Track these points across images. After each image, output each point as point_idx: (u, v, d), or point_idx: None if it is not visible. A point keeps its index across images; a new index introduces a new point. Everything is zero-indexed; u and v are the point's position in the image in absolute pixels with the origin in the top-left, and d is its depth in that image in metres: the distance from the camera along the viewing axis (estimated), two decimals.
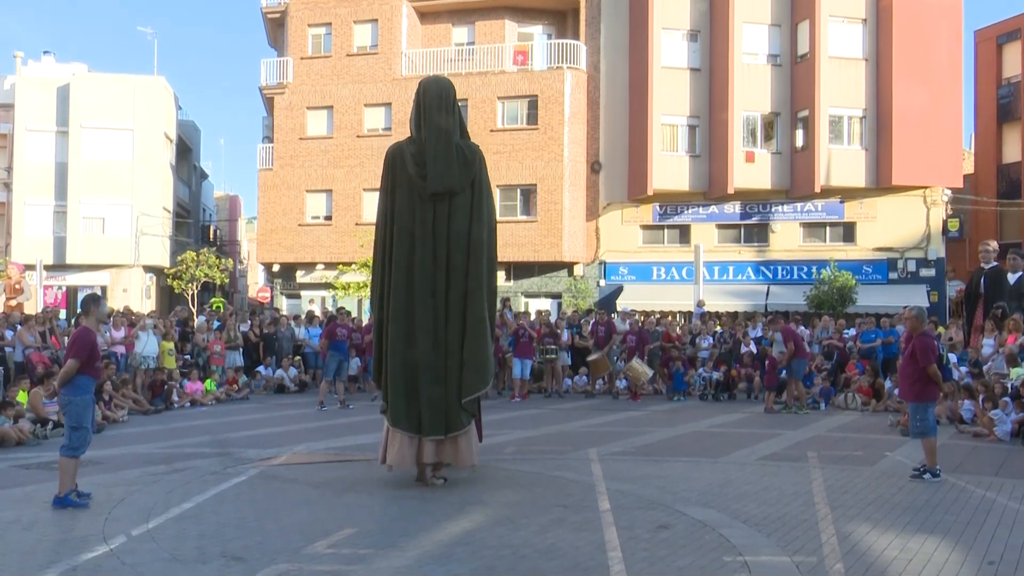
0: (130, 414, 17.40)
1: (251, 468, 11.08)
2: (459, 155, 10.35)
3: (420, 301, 10.13)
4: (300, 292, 38.77)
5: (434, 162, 10.19)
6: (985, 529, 7.93)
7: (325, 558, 6.87)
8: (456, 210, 10.28)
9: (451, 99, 10.53)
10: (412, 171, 10.26)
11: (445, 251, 10.20)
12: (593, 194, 36.25)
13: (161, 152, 43.89)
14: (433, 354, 10.10)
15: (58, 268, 41.15)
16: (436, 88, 10.50)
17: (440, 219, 10.24)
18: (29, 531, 7.84)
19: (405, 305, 10.19)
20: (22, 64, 45.51)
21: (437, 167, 10.19)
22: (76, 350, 8.94)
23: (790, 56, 34.43)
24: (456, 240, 10.24)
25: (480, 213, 10.43)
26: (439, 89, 10.50)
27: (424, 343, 10.10)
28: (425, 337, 10.11)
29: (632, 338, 21.88)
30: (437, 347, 10.12)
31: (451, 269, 10.20)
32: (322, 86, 37.95)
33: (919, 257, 33.61)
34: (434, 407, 10.00)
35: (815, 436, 14.56)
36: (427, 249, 10.18)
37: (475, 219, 10.37)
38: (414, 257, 10.19)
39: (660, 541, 7.39)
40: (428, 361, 10.08)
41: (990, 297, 17.02)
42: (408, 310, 10.17)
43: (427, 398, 10.01)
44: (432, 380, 10.05)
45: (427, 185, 10.18)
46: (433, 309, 10.15)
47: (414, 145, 10.44)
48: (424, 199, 10.24)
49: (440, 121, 10.34)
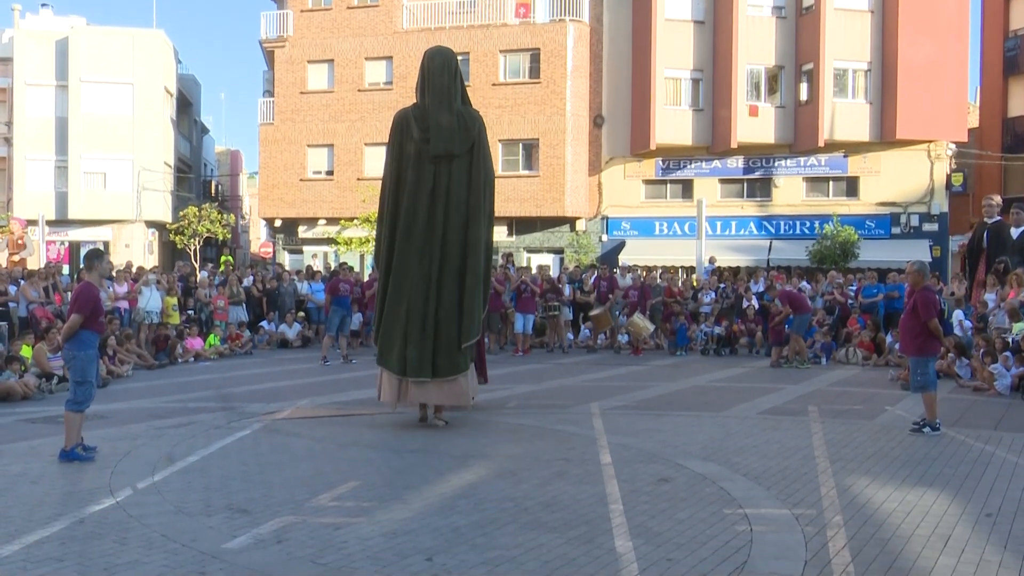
0: (134, 369, 17.49)
1: (255, 422, 11.16)
2: (460, 120, 11.10)
3: (419, 256, 10.90)
4: (302, 247, 38.76)
5: (437, 126, 10.96)
6: (984, 482, 7.99)
7: (329, 511, 6.94)
8: (456, 172, 11.04)
9: (453, 68, 11.36)
10: (416, 135, 11.02)
11: (443, 210, 10.95)
12: (596, 149, 36.07)
13: (161, 106, 43.61)
14: (424, 305, 10.86)
15: (60, 223, 41.06)
16: (440, 58, 11.34)
17: (440, 180, 10.99)
18: (36, 484, 7.91)
19: (403, 259, 10.96)
20: (20, 17, 45.06)
21: (440, 131, 10.95)
22: (80, 305, 8.95)
23: (795, 8, 34.04)
24: (455, 200, 10.99)
25: (478, 175, 11.17)
26: (443, 59, 11.34)
27: (416, 294, 10.88)
28: (418, 289, 10.89)
29: (634, 293, 21.89)
30: (428, 299, 10.87)
31: (449, 227, 10.95)
32: (323, 39, 37.60)
33: (922, 212, 33.51)
34: (422, 353, 10.76)
35: (816, 390, 14.63)
36: (428, 208, 10.94)
37: (473, 181, 11.12)
38: (416, 215, 10.97)
39: (661, 494, 7.46)
40: (419, 310, 10.85)
41: (993, 252, 17.00)
42: (405, 264, 10.95)
43: (414, 344, 10.77)
44: (420, 328, 10.81)
45: (430, 148, 10.93)
46: (429, 263, 10.89)
47: (418, 110, 11.21)
48: (427, 161, 10.99)
49: (443, 88, 11.13)
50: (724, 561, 5.73)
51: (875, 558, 5.83)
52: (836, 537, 6.24)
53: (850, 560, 5.76)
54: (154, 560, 5.76)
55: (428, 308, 10.86)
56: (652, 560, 5.73)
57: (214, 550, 5.96)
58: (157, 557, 5.82)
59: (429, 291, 10.88)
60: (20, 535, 6.29)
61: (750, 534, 6.32)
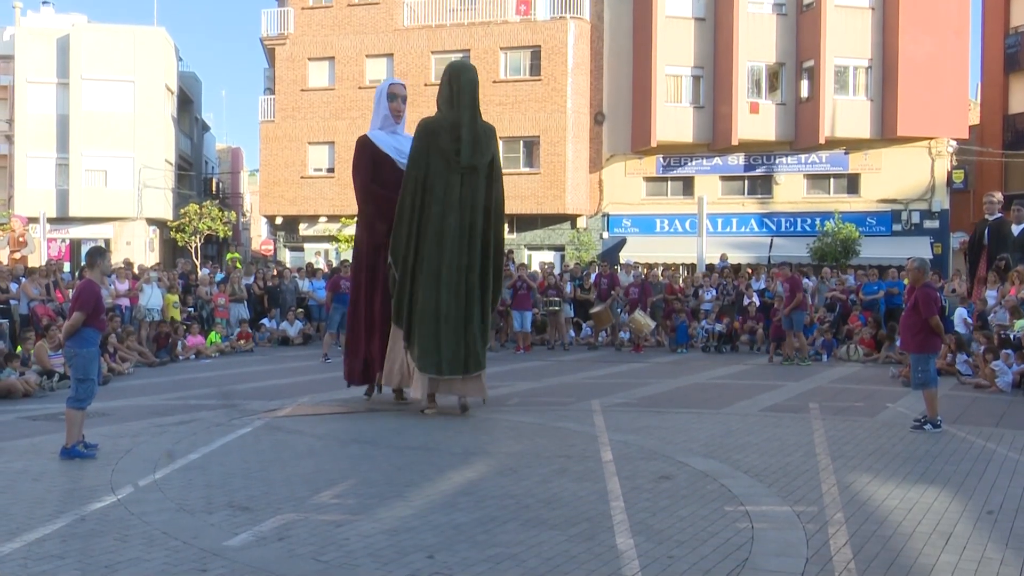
0: (135, 366, 17.50)
1: (256, 420, 11.16)
2: (484, 134, 12.00)
3: (447, 262, 11.58)
4: (303, 245, 38.76)
5: (468, 140, 11.74)
6: (985, 479, 7.99)
7: (330, 508, 6.94)
8: (477, 181, 11.85)
9: (477, 83, 12.24)
10: (446, 145, 11.70)
11: (469, 217, 11.72)
12: (596, 146, 36.06)
13: (162, 104, 43.60)
14: (458, 308, 11.58)
15: (61, 221, 41.06)
16: (469, 74, 12.14)
17: (466, 189, 11.75)
18: (38, 481, 7.91)
19: (434, 263, 11.59)
20: (21, 15, 45.04)
21: (471, 144, 11.76)
22: (81, 303, 8.95)
23: (796, 5, 34.03)
24: (478, 207, 11.81)
25: (496, 184, 12.13)
26: (472, 75, 12.16)
27: (451, 298, 11.57)
28: (452, 293, 11.58)
29: (635, 290, 21.89)
30: (458, 301, 11.60)
31: (473, 234, 11.75)
32: (323, 37, 37.59)
33: (923, 209, 33.50)
34: (457, 352, 11.52)
35: (817, 387, 14.62)
36: (455, 215, 11.65)
37: (492, 189, 12.03)
38: (446, 221, 11.62)
39: (662, 491, 7.46)
40: (453, 313, 11.55)
41: (994, 249, 16.99)
42: (437, 269, 11.58)
43: (450, 345, 11.50)
44: (454, 329, 11.53)
45: (460, 158, 11.68)
46: (459, 269, 11.61)
47: (447, 121, 11.87)
48: (454, 171, 11.72)
49: (473, 103, 11.96)
50: (725, 558, 5.73)
51: (876, 555, 5.82)
52: (837, 534, 6.24)
53: (851, 557, 5.76)
54: (155, 558, 5.76)
55: (460, 311, 11.59)
56: (653, 557, 5.73)
57: (215, 547, 5.96)
58: (158, 555, 5.82)
59: (460, 294, 11.61)
60: (21, 532, 6.29)
61: (751, 531, 6.31)
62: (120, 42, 42.29)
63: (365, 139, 13.03)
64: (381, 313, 12.37)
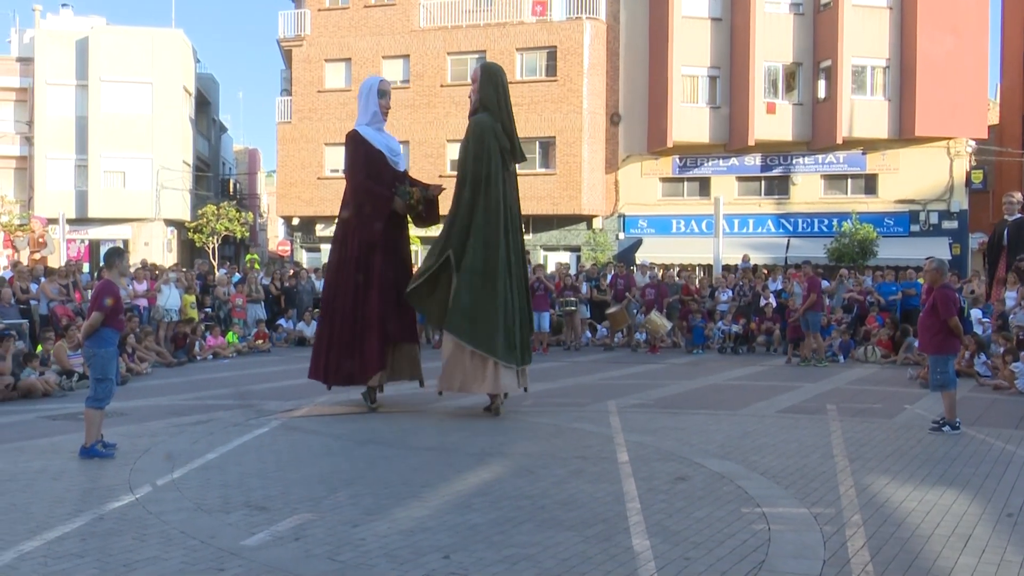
0: (153, 366, 17.60)
1: (273, 420, 11.20)
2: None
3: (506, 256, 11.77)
4: (320, 245, 38.83)
5: (517, 139, 12.27)
6: (1004, 481, 7.93)
7: (347, 508, 6.95)
8: (512, 179, 12.35)
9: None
10: (504, 143, 12.04)
11: (510, 213, 12.08)
12: (612, 146, 36.03)
13: (180, 105, 43.85)
14: (514, 300, 11.86)
15: (80, 222, 41.35)
16: (505, 77, 12.58)
17: (510, 187, 12.20)
18: (57, 480, 7.96)
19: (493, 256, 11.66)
20: (41, 17, 45.37)
21: (520, 146, 12.33)
22: (100, 303, 9.00)
23: (813, 5, 33.90)
24: (516, 206, 12.34)
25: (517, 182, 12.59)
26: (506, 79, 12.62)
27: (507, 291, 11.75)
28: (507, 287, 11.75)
29: (651, 291, 21.86)
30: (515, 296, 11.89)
31: (514, 229, 12.16)
32: (340, 38, 37.70)
33: (941, 209, 33.30)
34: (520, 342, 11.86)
35: (834, 389, 14.56)
36: (506, 212, 11.95)
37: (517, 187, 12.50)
38: (501, 217, 11.83)
39: (678, 492, 7.44)
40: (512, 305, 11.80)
41: (1013, 249, 16.84)
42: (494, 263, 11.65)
43: (511, 334, 11.73)
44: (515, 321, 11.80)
45: (515, 157, 12.23)
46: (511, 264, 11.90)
47: (498, 122, 12.10)
48: (506, 168, 12.09)
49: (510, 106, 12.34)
50: (742, 560, 5.71)
51: (894, 557, 5.79)
52: (855, 536, 6.21)
53: (869, 560, 5.73)
54: (173, 557, 5.79)
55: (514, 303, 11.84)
56: (669, 559, 5.72)
57: (232, 547, 5.98)
58: (176, 554, 5.85)
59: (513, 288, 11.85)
60: (41, 531, 6.33)
61: (768, 533, 6.29)
62: (138, 44, 42.57)
63: (356, 134, 12.59)
64: (377, 312, 12.05)
